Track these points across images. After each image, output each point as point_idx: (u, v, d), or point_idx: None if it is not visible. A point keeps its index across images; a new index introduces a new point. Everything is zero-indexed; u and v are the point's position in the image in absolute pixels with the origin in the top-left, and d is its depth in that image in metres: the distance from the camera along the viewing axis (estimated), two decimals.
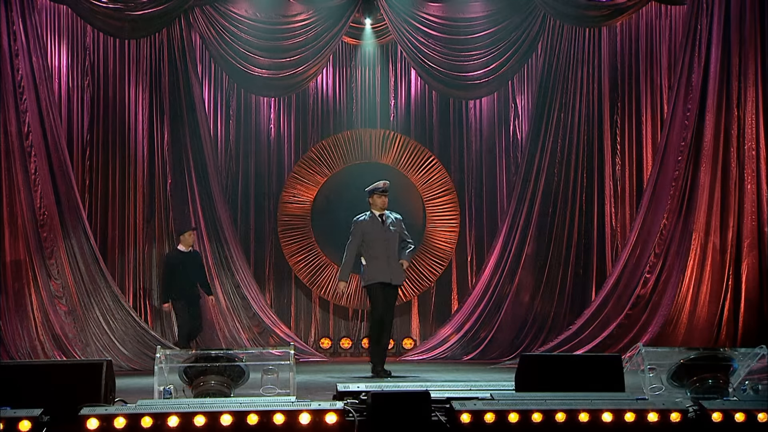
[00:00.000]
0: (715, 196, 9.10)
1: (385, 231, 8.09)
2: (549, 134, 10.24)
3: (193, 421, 4.03)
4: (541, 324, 10.05)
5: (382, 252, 8.03)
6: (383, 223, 8.11)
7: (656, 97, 10.06)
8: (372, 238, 8.08)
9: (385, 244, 8.05)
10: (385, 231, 8.09)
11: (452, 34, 10.42)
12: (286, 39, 10.41)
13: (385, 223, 8.12)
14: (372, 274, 8.04)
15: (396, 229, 8.16)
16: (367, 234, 8.10)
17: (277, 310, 10.81)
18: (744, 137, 9.03)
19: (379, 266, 8.02)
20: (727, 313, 8.92)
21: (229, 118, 10.93)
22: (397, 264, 8.09)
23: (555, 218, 10.20)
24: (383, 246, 8.04)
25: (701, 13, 9.23)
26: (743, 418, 4.26)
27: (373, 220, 8.14)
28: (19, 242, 9.00)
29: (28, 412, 4.01)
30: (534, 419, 4.16)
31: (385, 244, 8.05)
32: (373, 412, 4.15)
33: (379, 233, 8.07)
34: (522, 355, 5.27)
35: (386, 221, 8.14)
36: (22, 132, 9.08)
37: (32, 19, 9.25)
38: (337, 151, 10.97)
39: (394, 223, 8.19)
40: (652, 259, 9.34)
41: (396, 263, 8.08)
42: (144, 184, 10.24)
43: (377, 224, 8.11)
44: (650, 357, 5.11)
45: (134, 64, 10.24)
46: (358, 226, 8.18)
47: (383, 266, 8.01)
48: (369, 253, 8.10)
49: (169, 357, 4.97)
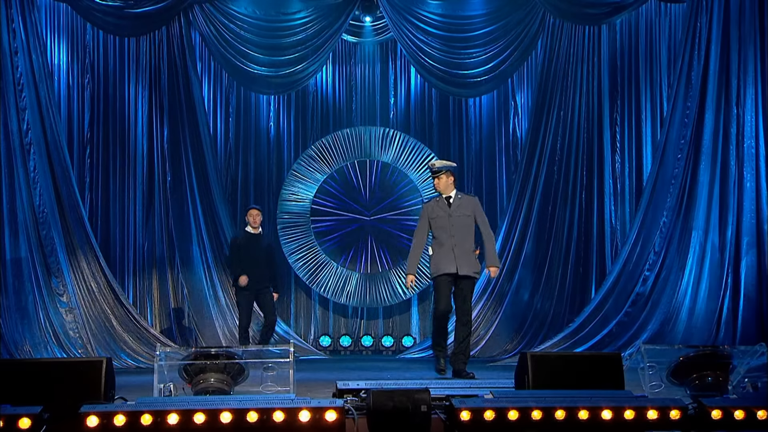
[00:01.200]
0: (715, 194, 9.10)
1: (450, 215, 7.30)
2: (549, 132, 10.24)
3: (192, 418, 4.04)
4: (541, 322, 10.06)
5: (447, 239, 7.25)
6: (449, 206, 7.35)
7: (656, 94, 10.06)
8: (437, 225, 7.34)
9: (450, 230, 7.26)
10: (450, 215, 7.30)
11: (452, 31, 10.42)
12: (286, 37, 10.41)
13: (451, 206, 7.34)
14: (435, 264, 7.33)
15: (466, 213, 7.34)
16: (433, 219, 7.36)
17: (277, 307, 10.80)
18: (743, 135, 9.03)
19: (443, 255, 7.26)
20: (726, 311, 8.92)
21: (228, 116, 10.93)
22: (467, 252, 7.26)
23: (555, 216, 10.19)
24: (448, 232, 7.26)
25: (701, 11, 9.23)
26: (743, 416, 4.27)
27: (439, 202, 7.40)
28: (19, 240, 8.99)
29: (29, 410, 4.01)
30: (534, 417, 4.17)
31: (451, 230, 7.26)
32: (373, 410, 4.16)
33: (444, 218, 7.30)
34: (522, 352, 5.27)
35: (453, 204, 7.36)
36: (22, 130, 9.08)
37: (32, 16, 9.24)
38: (336, 149, 10.97)
39: (465, 206, 7.37)
40: (651, 256, 9.35)
41: (465, 251, 7.26)
42: (143, 181, 10.24)
43: (443, 207, 7.34)
44: (650, 354, 5.12)
45: (134, 61, 10.24)
46: (423, 208, 7.55)
47: (448, 255, 7.22)
48: (434, 240, 7.38)
49: (168, 355, 4.98)
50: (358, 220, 10.93)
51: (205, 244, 10.24)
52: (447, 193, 7.39)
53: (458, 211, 7.35)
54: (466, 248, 7.29)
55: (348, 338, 10.85)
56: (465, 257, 7.25)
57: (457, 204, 7.37)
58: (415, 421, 4.16)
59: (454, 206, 7.36)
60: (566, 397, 4.32)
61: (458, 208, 7.37)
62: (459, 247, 7.25)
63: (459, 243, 7.25)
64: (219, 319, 10.23)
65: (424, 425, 4.18)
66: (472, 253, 7.33)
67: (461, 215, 7.34)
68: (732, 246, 8.97)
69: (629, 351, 8.84)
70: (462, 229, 7.31)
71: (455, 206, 7.36)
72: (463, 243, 7.28)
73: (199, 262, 10.26)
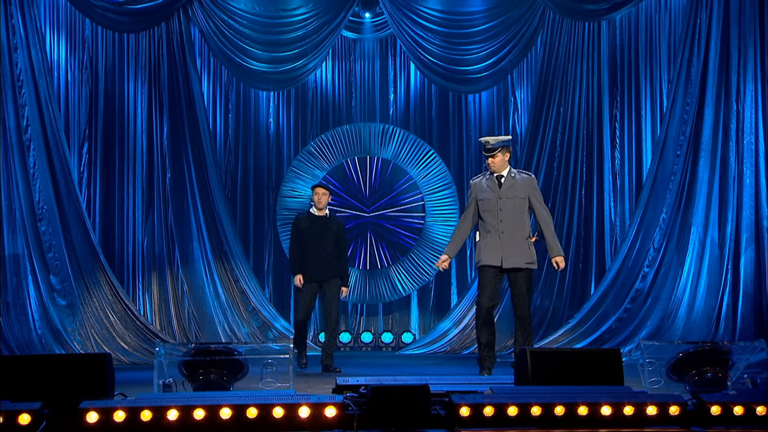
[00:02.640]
0: (714, 190, 9.10)
1: (500, 197, 6.37)
2: (548, 128, 10.24)
3: (192, 414, 4.04)
4: (541, 318, 10.06)
5: (495, 224, 6.36)
6: (500, 186, 6.41)
7: (656, 91, 10.05)
8: (485, 207, 6.42)
9: (498, 215, 6.36)
10: (500, 197, 6.37)
11: (452, 28, 10.41)
12: (286, 33, 10.40)
13: (502, 186, 6.40)
14: (479, 253, 6.52)
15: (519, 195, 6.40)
16: (481, 200, 6.44)
17: (276, 304, 10.83)
18: (743, 131, 9.02)
19: (488, 243, 6.40)
20: (725, 307, 8.93)
21: (228, 112, 10.93)
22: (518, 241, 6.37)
23: (554, 212, 10.18)
24: (496, 216, 6.36)
25: (701, 6, 9.22)
26: (742, 411, 4.27)
27: (489, 180, 6.45)
28: (18, 236, 8.99)
29: (28, 406, 4.01)
30: (533, 412, 4.17)
31: (500, 215, 6.37)
32: (373, 406, 4.16)
33: (492, 200, 6.38)
34: (521, 348, 5.27)
35: (505, 184, 6.41)
36: (21, 126, 9.07)
37: (31, 12, 9.22)
38: (336, 146, 10.96)
39: (519, 187, 6.41)
40: (651, 253, 9.35)
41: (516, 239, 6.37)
42: (143, 177, 10.23)
43: (492, 187, 6.41)
44: (649, 351, 5.12)
45: (133, 57, 10.22)
46: (471, 187, 6.60)
47: (494, 243, 6.38)
48: (481, 225, 6.49)
49: (168, 351, 4.98)
50: (357, 216, 10.93)
51: (204, 240, 10.24)
52: (500, 171, 6.45)
53: (510, 192, 6.43)
54: (517, 236, 6.40)
55: (347, 335, 10.86)
56: (514, 246, 6.39)
57: (509, 184, 6.43)
58: (414, 417, 4.17)
59: (506, 186, 6.42)
60: (565, 393, 4.32)
61: (510, 189, 6.44)
62: (508, 235, 6.37)
63: (508, 230, 6.36)
64: (219, 315, 10.23)
65: (423, 421, 4.18)
66: (525, 240, 6.44)
67: (514, 197, 6.42)
68: (731, 242, 8.97)
69: (629, 347, 8.86)
70: (513, 213, 6.40)
71: (507, 186, 6.42)
72: (513, 230, 6.38)
73: (199, 258, 10.26)
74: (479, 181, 6.62)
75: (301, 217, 8.16)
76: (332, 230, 8.01)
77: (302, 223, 8.04)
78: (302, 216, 8.18)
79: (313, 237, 7.89)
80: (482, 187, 6.51)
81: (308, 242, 7.92)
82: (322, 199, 7.96)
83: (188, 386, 4.90)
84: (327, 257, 7.92)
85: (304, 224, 8.01)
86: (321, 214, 7.99)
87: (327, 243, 7.93)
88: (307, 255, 7.90)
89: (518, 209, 6.45)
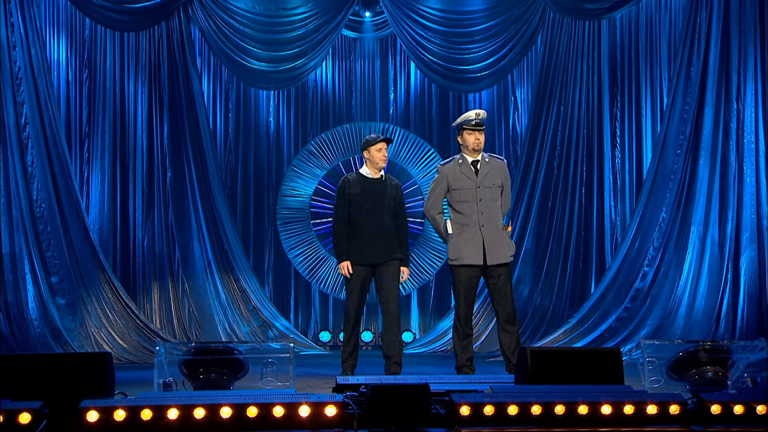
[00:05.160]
0: (714, 189, 9.10)
1: (478, 185, 5.68)
2: (548, 127, 10.24)
3: (192, 413, 4.04)
4: (541, 317, 10.06)
5: (473, 216, 5.68)
6: (476, 173, 5.70)
7: (656, 89, 10.05)
8: (461, 198, 5.69)
9: (478, 205, 5.69)
10: (478, 185, 5.68)
11: (452, 27, 10.41)
12: (286, 32, 10.40)
13: (479, 173, 5.71)
14: (455, 250, 5.77)
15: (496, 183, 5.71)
16: (456, 189, 5.71)
17: (277, 303, 10.83)
18: (743, 130, 9.02)
19: (468, 238, 5.71)
20: (725, 306, 8.93)
21: (228, 112, 10.93)
22: (497, 233, 5.71)
23: (554, 211, 10.20)
24: (476, 208, 5.69)
25: (701, 5, 9.22)
26: (742, 411, 4.27)
27: (462, 166, 5.71)
28: (16, 236, 8.99)
29: (28, 405, 4.01)
30: (533, 412, 4.17)
31: (479, 205, 5.69)
32: (373, 405, 4.16)
33: (470, 189, 5.67)
34: (521, 348, 5.26)
35: (481, 170, 5.72)
36: (20, 124, 9.07)
37: (30, 11, 9.23)
38: (336, 145, 10.96)
39: (494, 174, 5.72)
40: (651, 252, 9.35)
41: (495, 231, 5.71)
42: (143, 176, 10.23)
43: (469, 174, 5.70)
44: (649, 350, 5.12)
45: (133, 57, 10.22)
46: (441, 174, 5.81)
47: (474, 238, 5.69)
48: (455, 217, 5.77)
49: (168, 350, 4.98)
50: None
51: (205, 239, 10.24)
52: (475, 156, 5.75)
53: (487, 180, 5.76)
54: (496, 228, 5.78)
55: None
56: (495, 240, 5.77)
57: (485, 171, 5.75)
58: (414, 417, 4.17)
59: (483, 173, 5.75)
60: (566, 392, 4.32)
61: (488, 176, 5.77)
62: (488, 228, 5.72)
63: (488, 222, 5.71)
64: (219, 314, 10.23)
65: (423, 420, 4.18)
66: (503, 231, 5.84)
67: (492, 186, 5.76)
68: (732, 241, 8.97)
69: (629, 346, 8.86)
70: (491, 203, 5.77)
71: (483, 174, 5.76)
72: (492, 221, 5.73)
73: (200, 257, 10.25)
74: (451, 166, 5.85)
75: (349, 181, 6.29)
76: (390, 197, 6.26)
77: (353, 188, 6.22)
78: (351, 179, 6.30)
79: (366, 207, 6.17)
80: (456, 174, 5.77)
81: (359, 214, 6.22)
82: (385, 156, 6.20)
83: (188, 385, 4.90)
84: (384, 233, 6.21)
85: (355, 190, 6.21)
86: (376, 176, 6.19)
87: (384, 214, 6.21)
88: (358, 231, 6.20)
89: (495, 198, 5.82)
